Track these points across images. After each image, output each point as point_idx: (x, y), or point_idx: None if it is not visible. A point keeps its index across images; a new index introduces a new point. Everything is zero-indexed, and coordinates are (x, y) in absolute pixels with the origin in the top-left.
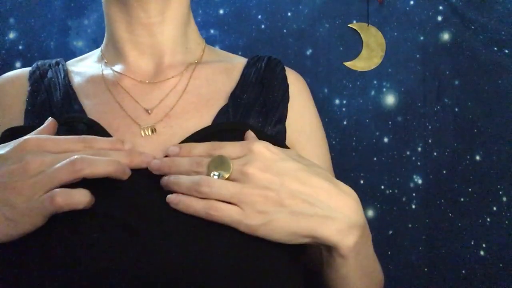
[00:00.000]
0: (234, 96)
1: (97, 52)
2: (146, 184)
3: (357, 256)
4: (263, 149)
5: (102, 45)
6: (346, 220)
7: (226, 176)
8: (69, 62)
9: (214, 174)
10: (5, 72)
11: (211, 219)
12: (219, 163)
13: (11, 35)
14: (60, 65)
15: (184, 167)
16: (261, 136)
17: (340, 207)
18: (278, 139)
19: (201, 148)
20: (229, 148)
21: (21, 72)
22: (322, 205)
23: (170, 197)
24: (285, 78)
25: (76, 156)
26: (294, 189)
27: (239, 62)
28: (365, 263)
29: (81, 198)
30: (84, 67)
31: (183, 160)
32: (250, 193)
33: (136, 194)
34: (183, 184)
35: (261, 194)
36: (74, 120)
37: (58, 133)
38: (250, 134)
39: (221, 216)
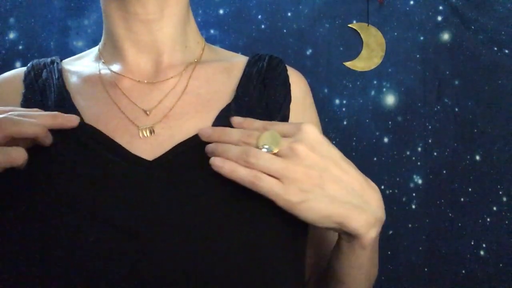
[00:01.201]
0: (236, 97)
1: (94, 51)
2: (145, 185)
3: (372, 248)
4: (313, 130)
5: (100, 44)
6: (374, 214)
7: (275, 150)
8: (65, 61)
9: (264, 147)
10: (4, 72)
11: (253, 188)
12: (270, 137)
13: (11, 35)
14: (55, 64)
15: (234, 137)
16: None
17: (371, 200)
18: None
19: (258, 123)
20: (280, 126)
21: (16, 73)
22: (356, 195)
23: (215, 160)
24: (287, 78)
25: (1, 116)
26: (335, 174)
27: (240, 60)
28: (374, 256)
29: (18, 155)
30: (81, 67)
31: (235, 130)
32: (295, 170)
33: (136, 195)
34: (232, 152)
35: (305, 172)
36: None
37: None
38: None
39: (263, 187)
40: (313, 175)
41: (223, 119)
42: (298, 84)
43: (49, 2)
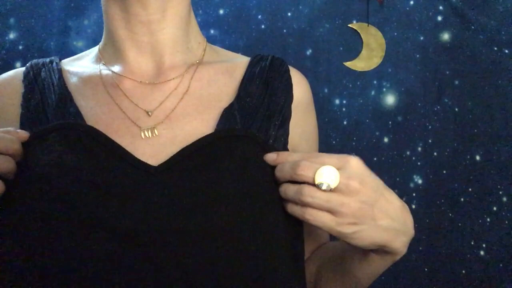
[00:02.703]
0: (239, 97)
1: (94, 51)
2: (149, 190)
3: None
4: (359, 162)
5: (100, 45)
6: (409, 234)
7: (333, 187)
8: (64, 61)
9: (322, 185)
10: (5, 72)
11: (305, 221)
12: (327, 174)
13: (11, 35)
14: (54, 64)
15: (287, 171)
16: (267, 147)
17: (408, 222)
18: (283, 144)
19: (296, 157)
20: (326, 159)
21: (15, 74)
22: (398, 220)
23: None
24: (289, 79)
25: None
26: (383, 205)
27: (242, 61)
28: None
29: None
30: (81, 67)
31: (288, 164)
32: (350, 205)
33: (138, 201)
34: (289, 191)
35: (359, 207)
36: (71, 127)
37: (53, 139)
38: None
39: (315, 222)
40: (366, 209)
41: (226, 119)
42: (300, 85)
43: (49, 2)
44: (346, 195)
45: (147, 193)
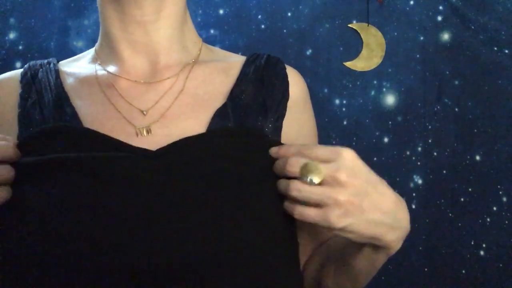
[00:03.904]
0: (233, 96)
1: (91, 52)
2: (146, 179)
3: None
4: (352, 155)
5: (96, 45)
6: (404, 230)
7: (318, 181)
8: (62, 63)
9: (306, 178)
10: (5, 72)
11: (295, 217)
12: (312, 168)
13: (11, 35)
14: (51, 65)
15: (279, 168)
16: (265, 141)
17: (403, 218)
18: (277, 140)
19: (294, 148)
20: (319, 151)
21: (13, 74)
22: (392, 215)
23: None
24: (286, 76)
25: None
26: (374, 199)
27: (237, 60)
28: None
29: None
30: (78, 68)
31: (279, 162)
32: (338, 198)
33: (137, 190)
34: (280, 187)
35: (348, 200)
36: (67, 129)
37: (51, 140)
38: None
39: (302, 216)
40: (355, 202)
41: (219, 119)
42: (297, 83)
43: (49, 2)
44: (333, 188)
45: (147, 177)
